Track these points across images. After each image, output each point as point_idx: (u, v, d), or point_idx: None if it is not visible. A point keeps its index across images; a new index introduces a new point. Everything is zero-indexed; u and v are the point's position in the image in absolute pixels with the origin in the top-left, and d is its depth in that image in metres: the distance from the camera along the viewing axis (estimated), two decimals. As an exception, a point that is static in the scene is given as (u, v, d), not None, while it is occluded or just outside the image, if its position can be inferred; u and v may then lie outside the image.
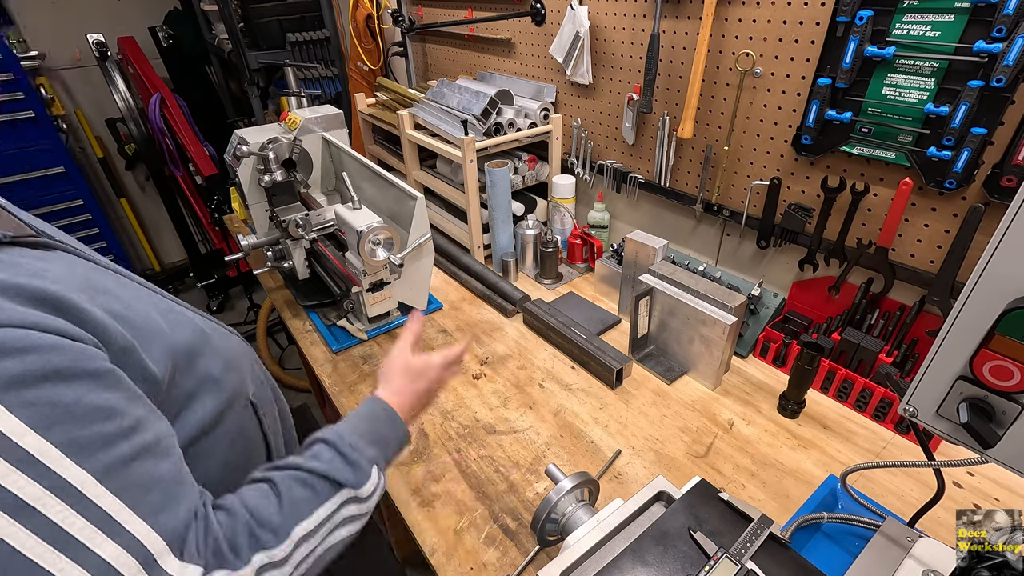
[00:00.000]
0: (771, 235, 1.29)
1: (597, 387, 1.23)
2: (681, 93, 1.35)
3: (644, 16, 1.36)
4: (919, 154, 0.97)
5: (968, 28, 0.87)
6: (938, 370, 0.59)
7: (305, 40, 2.72)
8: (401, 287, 1.40)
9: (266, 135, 1.43)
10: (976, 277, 0.53)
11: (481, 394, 1.22)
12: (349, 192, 1.31)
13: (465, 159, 1.54)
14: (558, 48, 1.58)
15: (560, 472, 0.81)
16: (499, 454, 1.07)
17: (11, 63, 2.59)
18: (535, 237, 1.64)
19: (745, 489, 0.97)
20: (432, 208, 1.95)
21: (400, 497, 0.99)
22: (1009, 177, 0.89)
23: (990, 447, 0.56)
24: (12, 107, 2.67)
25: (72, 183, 2.96)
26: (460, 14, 2.00)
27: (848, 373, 1.10)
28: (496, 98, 1.60)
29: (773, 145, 1.21)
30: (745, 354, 1.28)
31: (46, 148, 2.82)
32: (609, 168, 1.62)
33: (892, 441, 1.05)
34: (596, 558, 0.70)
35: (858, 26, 0.96)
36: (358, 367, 1.32)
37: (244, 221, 2.06)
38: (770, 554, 0.65)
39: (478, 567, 0.86)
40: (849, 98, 1.04)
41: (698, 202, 1.40)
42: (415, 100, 1.90)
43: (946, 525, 0.87)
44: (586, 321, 1.41)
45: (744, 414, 1.13)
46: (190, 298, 3.73)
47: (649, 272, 1.27)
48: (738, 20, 1.17)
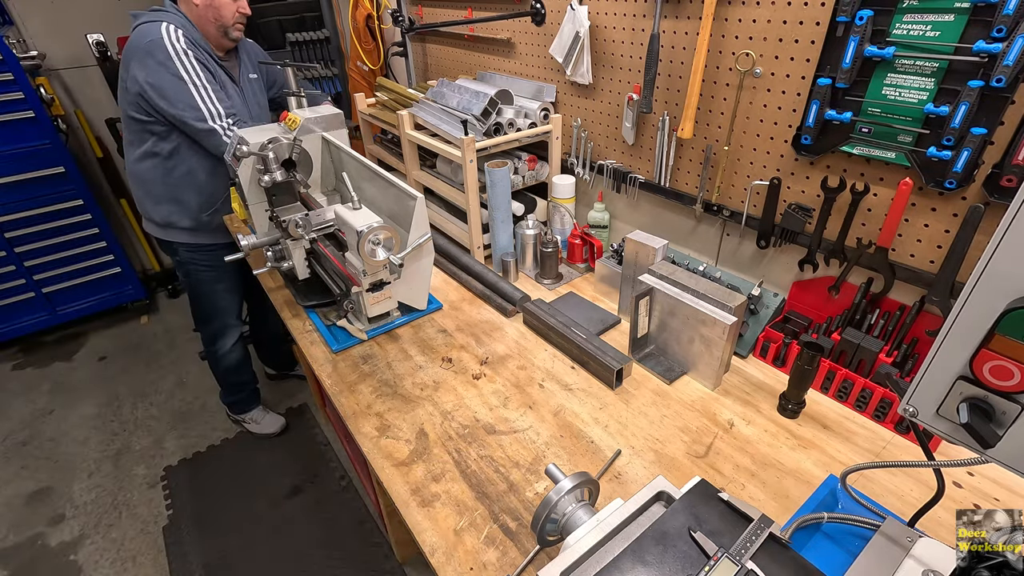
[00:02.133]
0: (771, 235, 1.29)
1: (597, 387, 1.23)
2: (681, 93, 1.35)
3: (644, 16, 1.36)
4: (919, 154, 0.97)
5: (968, 28, 0.87)
6: (938, 370, 0.59)
7: (305, 40, 2.72)
8: (401, 287, 1.40)
9: (266, 135, 1.43)
10: (976, 277, 0.53)
11: (481, 394, 1.22)
12: (349, 192, 1.31)
13: (465, 159, 1.54)
14: (558, 48, 1.58)
15: (560, 472, 0.81)
16: (499, 454, 1.07)
17: (11, 63, 2.59)
18: (535, 237, 1.64)
19: (745, 489, 0.97)
20: (432, 208, 1.95)
21: (400, 497, 0.99)
22: (1009, 177, 0.89)
23: (990, 447, 0.56)
24: (12, 107, 2.67)
25: (72, 183, 2.96)
26: (460, 14, 2.00)
27: (848, 373, 1.10)
28: (496, 98, 1.60)
29: (773, 145, 1.21)
30: (745, 354, 1.28)
31: (46, 148, 2.82)
32: (609, 168, 1.62)
33: (892, 441, 1.05)
34: (596, 558, 0.70)
35: (858, 26, 0.96)
36: (358, 367, 1.32)
37: (244, 221, 2.06)
38: (770, 554, 0.65)
39: (478, 567, 0.86)
40: (849, 98, 1.04)
41: (698, 202, 1.40)
42: (415, 100, 1.90)
43: (946, 525, 0.87)
44: (586, 321, 1.41)
45: (744, 414, 1.13)
46: (190, 298, 3.73)
47: (649, 272, 1.27)
48: (738, 20, 1.17)
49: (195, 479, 2.32)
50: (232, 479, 2.31)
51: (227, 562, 1.97)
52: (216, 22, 1.75)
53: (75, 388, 2.91)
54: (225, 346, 2.21)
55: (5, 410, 2.78)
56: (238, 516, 2.14)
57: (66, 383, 2.95)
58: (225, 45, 1.84)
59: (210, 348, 2.24)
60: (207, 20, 1.74)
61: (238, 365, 2.30)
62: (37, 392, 2.89)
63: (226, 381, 2.36)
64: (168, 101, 1.67)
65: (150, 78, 1.65)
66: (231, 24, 1.77)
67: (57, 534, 2.12)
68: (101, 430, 2.62)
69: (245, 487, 2.27)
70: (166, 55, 1.63)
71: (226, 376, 2.33)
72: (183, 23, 1.71)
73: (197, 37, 1.74)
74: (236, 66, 1.93)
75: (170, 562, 1.98)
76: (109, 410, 2.74)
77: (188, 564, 1.97)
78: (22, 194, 2.84)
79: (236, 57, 1.93)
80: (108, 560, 2.02)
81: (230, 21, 1.76)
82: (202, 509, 2.18)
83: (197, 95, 1.67)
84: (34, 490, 2.32)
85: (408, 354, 1.36)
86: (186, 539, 2.06)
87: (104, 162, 3.41)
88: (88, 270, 3.20)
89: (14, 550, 2.08)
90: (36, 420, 2.70)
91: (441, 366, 1.31)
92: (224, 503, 2.20)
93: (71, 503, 2.25)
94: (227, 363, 2.26)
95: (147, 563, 2.00)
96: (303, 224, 1.36)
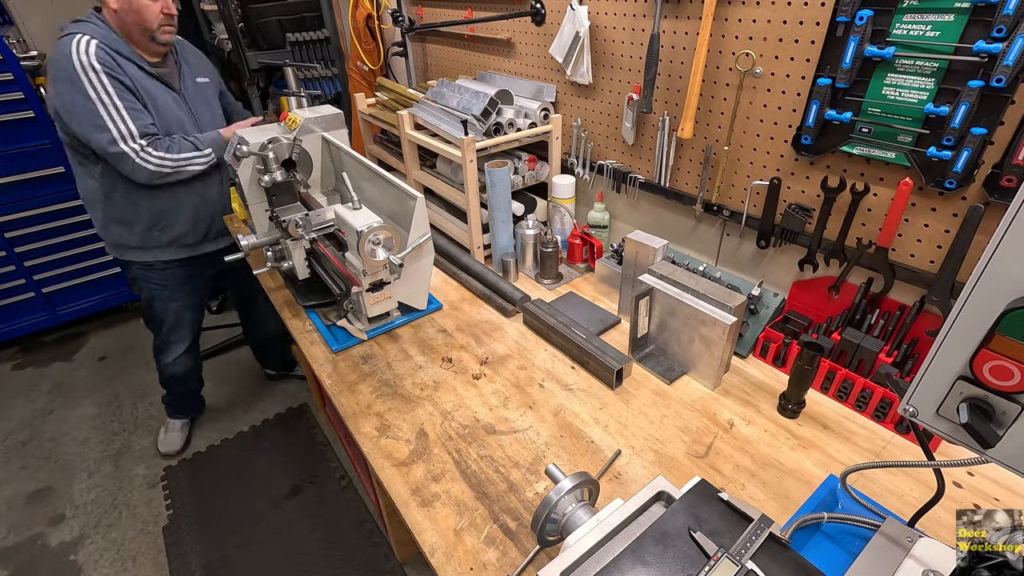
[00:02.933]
0: (771, 235, 1.29)
1: (597, 387, 1.23)
2: (681, 93, 1.35)
3: (644, 16, 1.36)
4: (919, 154, 0.97)
5: (968, 28, 0.87)
6: (938, 370, 0.59)
7: (305, 40, 2.72)
8: (401, 287, 1.40)
9: (266, 135, 1.43)
10: (976, 277, 0.53)
11: (481, 394, 1.22)
12: (349, 192, 1.31)
13: (465, 159, 1.54)
14: (558, 48, 1.58)
15: (560, 472, 0.81)
16: (499, 454, 1.07)
17: (11, 63, 2.59)
18: (535, 237, 1.64)
19: (745, 489, 0.97)
20: (432, 208, 1.95)
21: (400, 497, 0.99)
22: (1009, 177, 0.89)
23: (990, 447, 0.56)
24: (12, 107, 2.67)
25: (72, 183, 2.95)
26: (460, 14, 2.00)
27: (848, 373, 1.10)
28: (496, 98, 1.60)
29: (773, 145, 1.21)
30: (745, 354, 1.28)
31: (46, 148, 2.82)
32: (609, 168, 1.62)
33: (892, 441, 1.05)
34: (596, 558, 0.70)
35: (858, 26, 0.96)
36: (358, 367, 1.32)
37: (244, 221, 2.06)
38: (770, 554, 0.65)
39: (478, 567, 0.86)
40: (849, 98, 1.04)
41: (698, 202, 1.40)
42: (415, 100, 1.90)
43: (946, 525, 0.87)
44: (586, 321, 1.41)
45: (744, 414, 1.13)
46: (190, 298, 3.72)
47: (649, 272, 1.27)
48: (738, 20, 1.17)
49: (195, 479, 2.32)
50: (232, 479, 2.31)
51: (227, 562, 1.97)
52: (139, 26, 1.63)
53: (75, 388, 2.91)
54: (167, 359, 2.21)
55: (5, 410, 2.78)
56: (238, 516, 2.14)
57: (66, 383, 2.95)
58: (156, 51, 1.72)
59: (155, 356, 2.25)
60: (130, 25, 1.64)
61: (183, 376, 2.30)
62: (37, 392, 2.89)
63: (166, 387, 2.38)
64: (77, 122, 1.58)
65: (59, 99, 1.58)
66: (156, 28, 1.65)
67: (57, 534, 2.12)
68: (101, 430, 2.62)
69: (245, 487, 2.26)
70: (73, 73, 1.53)
71: (167, 384, 2.36)
72: (103, 33, 1.61)
73: (120, 46, 1.63)
74: (175, 72, 1.82)
75: (170, 562, 1.98)
76: (109, 410, 2.74)
77: (188, 564, 1.97)
78: (22, 194, 2.84)
79: (173, 63, 1.82)
80: (108, 560, 2.02)
81: (154, 24, 1.64)
82: (202, 509, 2.18)
83: (106, 114, 1.56)
84: (34, 490, 2.32)
85: (408, 354, 1.36)
86: (186, 539, 2.06)
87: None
88: (88, 270, 3.20)
89: (14, 550, 2.08)
90: (36, 420, 2.70)
91: (441, 366, 1.31)
92: (224, 503, 2.20)
93: (71, 503, 2.25)
94: (169, 373, 2.27)
95: (147, 563, 2.00)
96: (303, 224, 1.36)
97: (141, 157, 1.62)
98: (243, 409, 2.70)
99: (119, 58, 1.62)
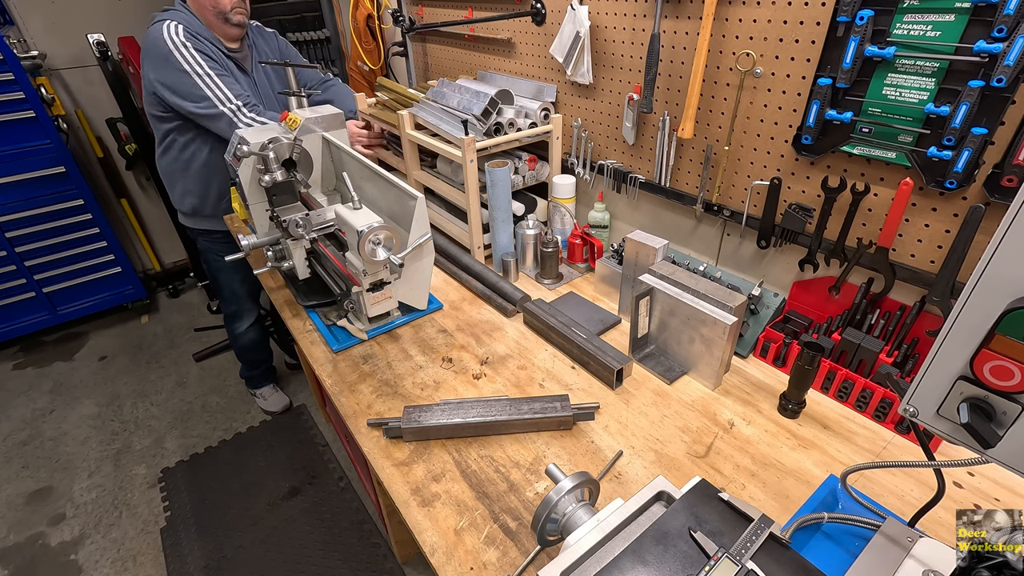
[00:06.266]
0: (771, 235, 1.29)
1: (597, 387, 1.23)
2: (681, 93, 1.35)
3: (644, 16, 1.36)
4: (919, 154, 0.97)
5: (968, 28, 0.87)
6: (938, 370, 0.59)
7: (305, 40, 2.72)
8: (401, 287, 1.40)
9: (266, 135, 1.43)
10: (976, 277, 0.53)
11: (481, 394, 1.22)
12: (349, 192, 1.31)
13: (465, 159, 1.54)
14: (558, 48, 1.58)
15: (560, 472, 0.81)
16: (499, 454, 1.07)
17: (11, 63, 2.60)
18: (535, 237, 1.64)
19: (745, 489, 0.97)
20: (432, 208, 1.95)
21: (400, 497, 0.99)
22: (1010, 177, 0.89)
23: (990, 447, 0.56)
24: (12, 107, 2.67)
25: (72, 183, 2.96)
26: (460, 14, 2.00)
27: (848, 373, 1.10)
28: (496, 98, 1.60)
29: (773, 145, 1.21)
30: (745, 354, 1.28)
31: (46, 148, 2.82)
32: (609, 168, 1.62)
33: (892, 441, 1.05)
34: (596, 558, 0.70)
35: (858, 26, 0.96)
36: (358, 367, 1.32)
37: (244, 221, 2.06)
38: (770, 554, 0.65)
39: (478, 567, 0.86)
40: (849, 98, 1.04)
41: (698, 202, 1.40)
42: (415, 100, 1.90)
43: (946, 525, 0.87)
44: (586, 321, 1.41)
45: (744, 414, 1.13)
46: (190, 298, 3.73)
47: (649, 272, 1.27)
48: (738, 20, 1.17)
49: (194, 480, 2.32)
50: (231, 480, 2.31)
51: (226, 564, 1.97)
52: (214, 9, 1.79)
53: (75, 388, 2.91)
54: (240, 327, 2.42)
55: (5, 410, 2.78)
56: (237, 517, 2.14)
57: (66, 383, 2.96)
58: (231, 34, 1.87)
59: (228, 327, 2.47)
60: (206, 9, 1.79)
61: (253, 345, 2.52)
62: (37, 392, 2.89)
63: (242, 358, 2.60)
64: (177, 94, 1.74)
65: (158, 75, 1.74)
66: (229, 9, 1.80)
67: (57, 534, 2.12)
68: (101, 430, 2.62)
69: (244, 488, 2.27)
70: (167, 50, 1.70)
71: (242, 354, 2.57)
72: (187, 19, 1.78)
73: (201, 30, 1.79)
74: (247, 57, 1.97)
75: (168, 563, 1.98)
76: (109, 410, 2.74)
77: (187, 565, 1.97)
78: (22, 194, 2.84)
79: (247, 47, 1.97)
80: (108, 560, 2.02)
81: (227, 7, 1.79)
82: (201, 511, 2.18)
83: (202, 83, 1.72)
84: (34, 490, 2.32)
85: (408, 354, 1.36)
86: (184, 541, 2.06)
87: (104, 162, 3.42)
88: (88, 270, 3.21)
89: (14, 550, 2.08)
90: (36, 420, 2.70)
91: (441, 366, 1.31)
92: (223, 504, 2.20)
93: (71, 503, 2.25)
94: (242, 342, 2.48)
95: (147, 563, 2.00)
96: (303, 224, 1.36)
97: (238, 117, 1.76)
98: (242, 410, 2.70)
99: (203, 40, 1.79)
